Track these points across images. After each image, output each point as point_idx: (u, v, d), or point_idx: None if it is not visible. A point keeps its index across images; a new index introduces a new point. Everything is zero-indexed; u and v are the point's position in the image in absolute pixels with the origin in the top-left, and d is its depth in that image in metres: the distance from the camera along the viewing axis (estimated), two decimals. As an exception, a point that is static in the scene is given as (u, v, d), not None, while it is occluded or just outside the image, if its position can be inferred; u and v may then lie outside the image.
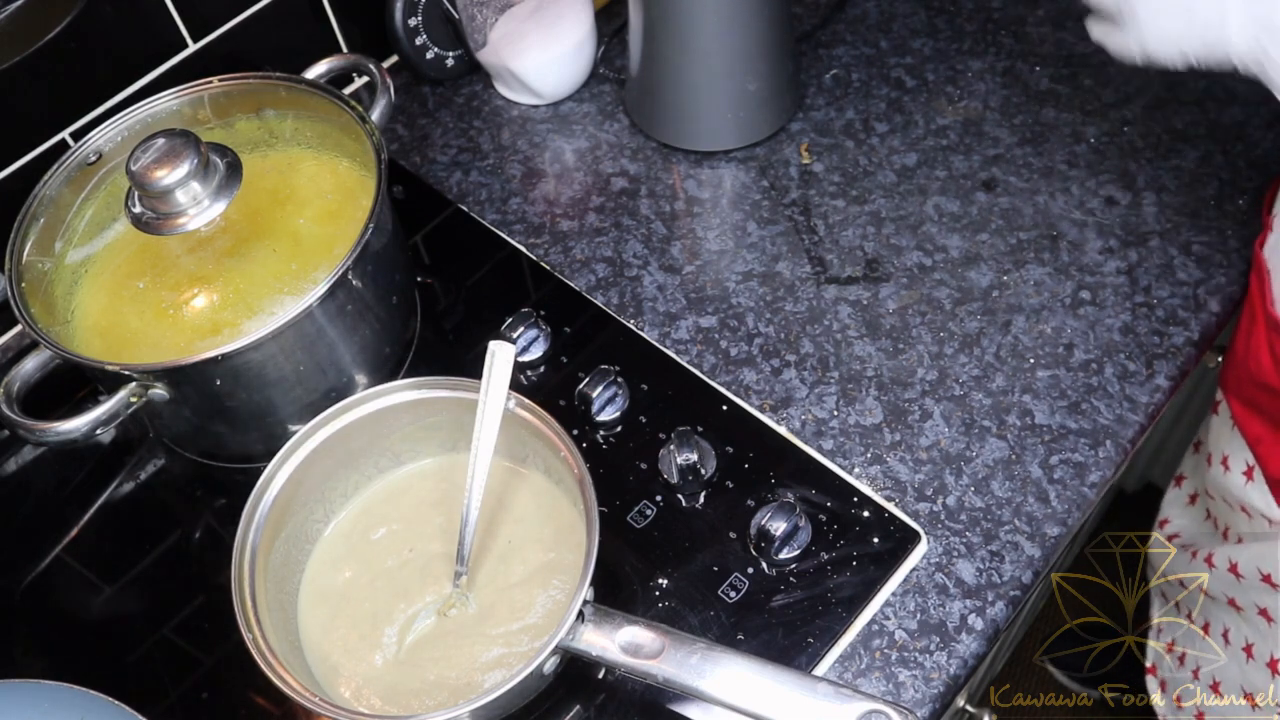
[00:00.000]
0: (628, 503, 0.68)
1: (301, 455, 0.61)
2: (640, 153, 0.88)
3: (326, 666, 0.60)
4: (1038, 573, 0.65)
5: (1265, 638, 0.79)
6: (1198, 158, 0.83)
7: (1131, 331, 0.74)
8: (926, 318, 0.76)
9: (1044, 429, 0.70)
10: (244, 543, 0.58)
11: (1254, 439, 0.75)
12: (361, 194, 0.71)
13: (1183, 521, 0.94)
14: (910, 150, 0.86)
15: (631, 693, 0.62)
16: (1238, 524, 0.82)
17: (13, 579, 0.70)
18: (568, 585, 0.61)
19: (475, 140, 0.91)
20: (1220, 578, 0.82)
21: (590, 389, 0.71)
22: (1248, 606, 0.80)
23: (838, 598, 0.63)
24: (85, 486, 0.74)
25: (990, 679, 1.28)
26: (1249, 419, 0.75)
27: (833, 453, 0.70)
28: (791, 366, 0.74)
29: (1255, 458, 0.75)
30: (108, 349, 0.67)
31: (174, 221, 0.65)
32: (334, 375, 0.70)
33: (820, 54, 0.94)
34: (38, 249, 0.69)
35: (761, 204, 0.84)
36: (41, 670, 0.66)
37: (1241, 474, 0.78)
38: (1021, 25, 0.94)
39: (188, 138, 0.64)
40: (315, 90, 0.73)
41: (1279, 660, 0.78)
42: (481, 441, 0.58)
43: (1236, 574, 0.79)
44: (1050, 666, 1.42)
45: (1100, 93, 0.88)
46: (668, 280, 0.80)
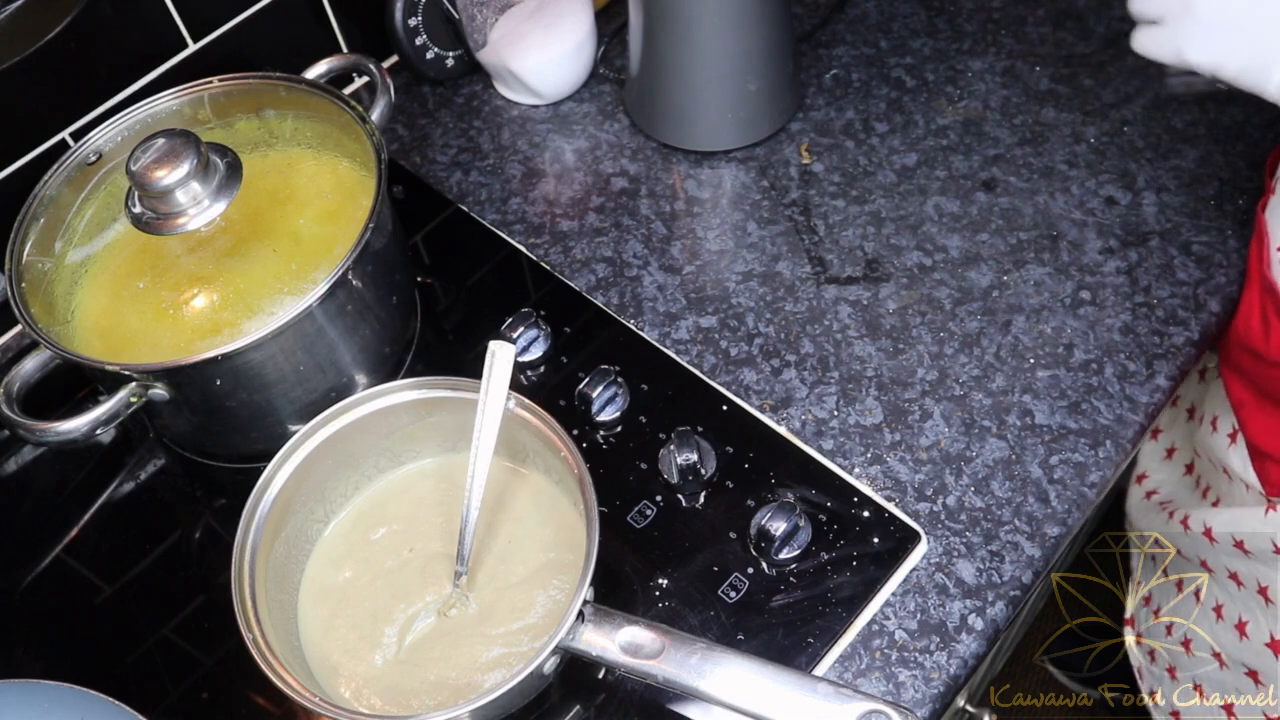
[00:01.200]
0: (628, 503, 0.68)
1: (301, 455, 0.61)
2: (640, 153, 0.88)
3: (326, 666, 0.60)
4: (1038, 573, 0.65)
5: (1235, 600, 0.80)
6: (1198, 158, 0.83)
7: (1131, 331, 0.74)
8: (926, 318, 0.76)
9: (1044, 429, 0.70)
10: (244, 543, 0.58)
11: (1237, 402, 0.76)
12: (361, 194, 0.71)
13: (1160, 476, 0.95)
14: (910, 150, 0.86)
15: (631, 693, 0.62)
16: (1219, 484, 0.83)
17: (13, 579, 0.70)
18: (568, 585, 0.61)
19: (475, 140, 0.91)
20: (1195, 540, 0.83)
21: (590, 389, 0.71)
22: (1219, 569, 0.81)
23: (838, 598, 0.63)
24: (85, 486, 0.74)
25: (990, 679, 1.28)
26: (1234, 382, 0.77)
27: (833, 453, 0.70)
28: (791, 366, 0.74)
29: (1238, 421, 0.76)
30: (108, 349, 0.67)
31: (174, 221, 0.65)
32: (334, 375, 0.70)
33: (820, 54, 0.94)
34: (38, 249, 0.69)
35: (761, 204, 0.84)
36: (41, 670, 0.66)
37: (1226, 435, 0.79)
38: (1021, 25, 0.94)
39: (188, 138, 0.64)
40: (315, 90, 0.73)
41: (1247, 623, 0.79)
42: (481, 441, 0.58)
43: (1211, 538, 0.80)
44: (1050, 666, 1.43)
45: (1100, 93, 0.88)
46: (668, 280, 0.80)
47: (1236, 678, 0.82)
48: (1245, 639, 0.79)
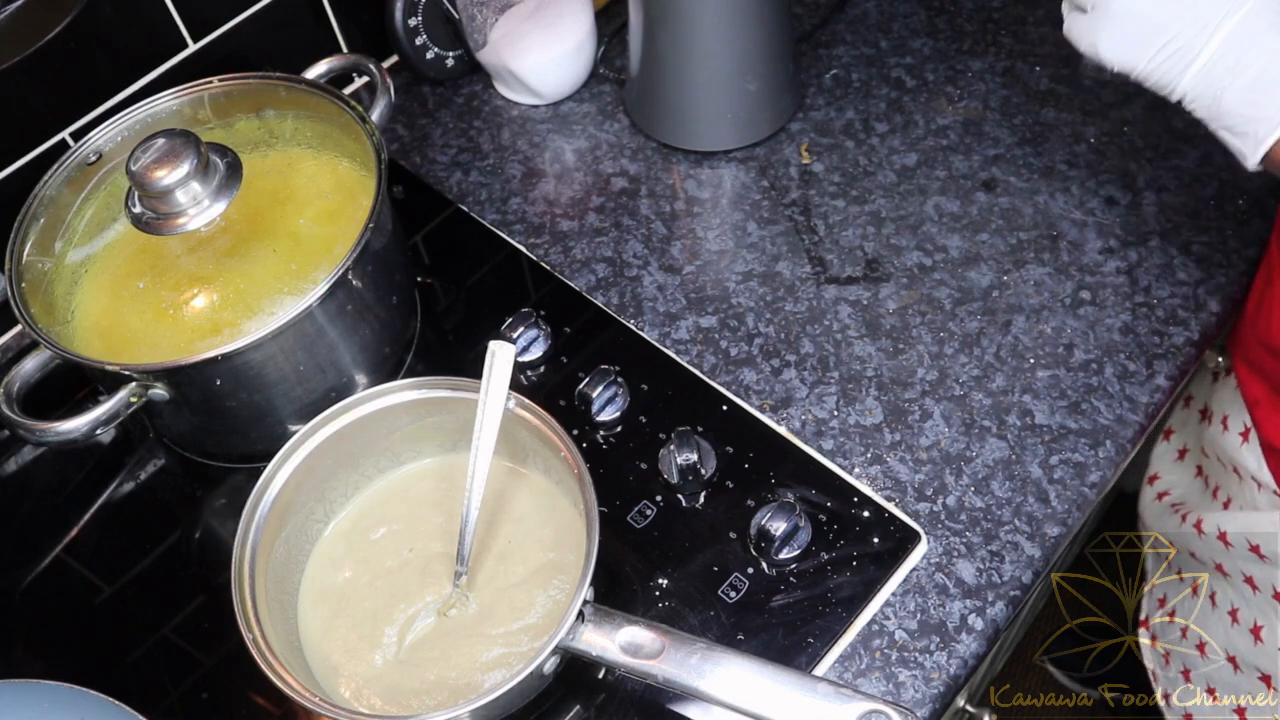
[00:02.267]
0: (628, 503, 0.68)
1: (301, 455, 0.61)
2: (640, 153, 0.88)
3: (326, 666, 0.60)
4: (1038, 573, 0.65)
5: (1250, 604, 0.80)
6: (1198, 158, 0.83)
7: (1131, 331, 0.74)
8: (926, 318, 0.76)
9: (1044, 429, 0.70)
10: (244, 543, 0.58)
11: (1252, 401, 0.75)
12: (361, 194, 0.71)
13: (1172, 478, 0.95)
14: (910, 150, 0.86)
15: (631, 693, 0.62)
16: (1229, 485, 0.82)
17: (13, 579, 0.70)
18: (568, 585, 0.61)
19: (475, 140, 0.91)
20: (1209, 544, 0.82)
21: (590, 389, 0.71)
22: (1234, 573, 0.81)
23: (838, 598, 0.63)
24: (85, 486, 0.74)
25: (990, 679, 1.28)
26: (1251, 381, 0.75)
27: (833, 453, 0.70)
28: (791, 366, 0.74)
29: (1252, 420, 0.75)
30: (108, 349, 0.67)
31: (174, 221, 0.65)
32: (334, 375, 0.70)
33: (820, 54, 0.94)
34: (38, 249, 0.69)
35: (761, 204, 0.84)
36: (41, 670, 0.66)
37: (1238, 434, 0.78)
38: (1021, 25, 0.94)
39: (188, 138, 0.64)
40: (315, 90, 0.73)
41: (1262, 628, 0.79)
42: (481, 441, 0.58)
43: (1225, 542, 0.80)
44: (1050, 666, 1.42)
45: (1100, 93, 0.88)
46: (668, 280, 0.80)
47: (1250, 681, 0.82)
48: (1260, 643, 0.79)
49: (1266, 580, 0.77)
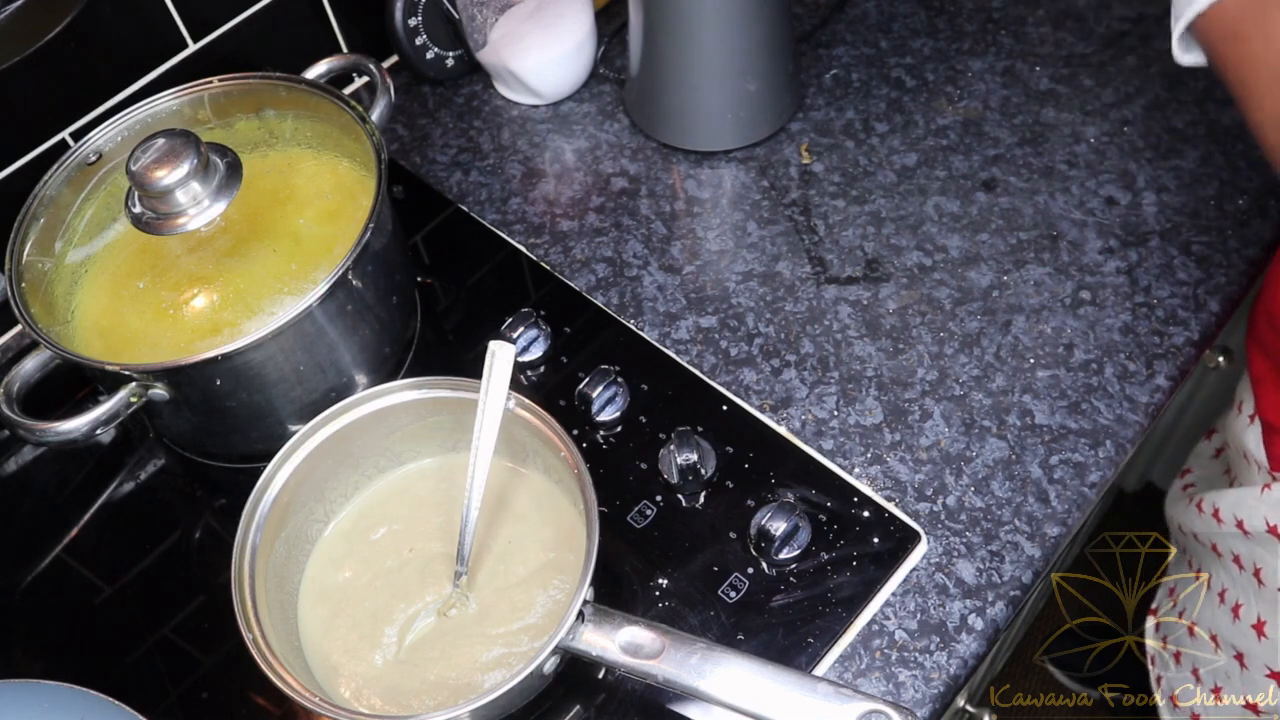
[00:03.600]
0: (628, 503, 0.68)
1: (301, 455, 0.61)
2: (640, 153, 0.88)
3: (326, 666, 0.60)
4: (1038, 573, 0.65)
5: (1235, 584, 0.80)
6: (1198, 158, 0.83)
7: (1131, 331, 0.74)
8: (926, 318, 0.76)
9: (1044, 429, 0.70)
10: (244, 543, 0.58)
11: (1255, 378, 0.75)
12: (361, 194, 0.71)
13: (1202, 471, 0.94)
14: (910, 150, 0.86)
15: (631, 693, 0.62)
16: (1239, 468, 0.82)
17: (13, 579, 0.70)
18: (568, 585, 0.61)
19: (475, 140, 0.91)
20: (1206, 522, 0.82)
21: (590, 389, 0.71)
22: (1225, 553, 0.80)
23: (838, 598, 0.63)
24: (85, 486, 0.74)
25: (990, 679, 1.28)
26: (1257, 358, 0.75)
27: (833, 453, 0.70)
28: (791, 366, 0.74)
29: (1254, 397, 0.75)
30: (108, 349, 0.67)
31: (174, 221, 0.65)
32: (334, 375, 0.70)
33: (820, 54, 0.94)
34: (38, 249, 0.69)
35: (761, 204, 0.84)
36: (41, 670, 0.66)
37: (1248, 417, 0.78)
38: (1021, 25, 0.94)
39: (188, 138, 0.64)
40: (315, 90, 0.73)
41: (1265, 623, 0.78)
42: (481, 441, 0.58)
43: (1218, 519, 0.80)
44: (1050, 666, 1.43)
45: (1100, 93, 0.88)
46: (668, 280, 0.80)
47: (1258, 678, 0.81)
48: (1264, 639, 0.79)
49: (1249, 559, 0.77)
